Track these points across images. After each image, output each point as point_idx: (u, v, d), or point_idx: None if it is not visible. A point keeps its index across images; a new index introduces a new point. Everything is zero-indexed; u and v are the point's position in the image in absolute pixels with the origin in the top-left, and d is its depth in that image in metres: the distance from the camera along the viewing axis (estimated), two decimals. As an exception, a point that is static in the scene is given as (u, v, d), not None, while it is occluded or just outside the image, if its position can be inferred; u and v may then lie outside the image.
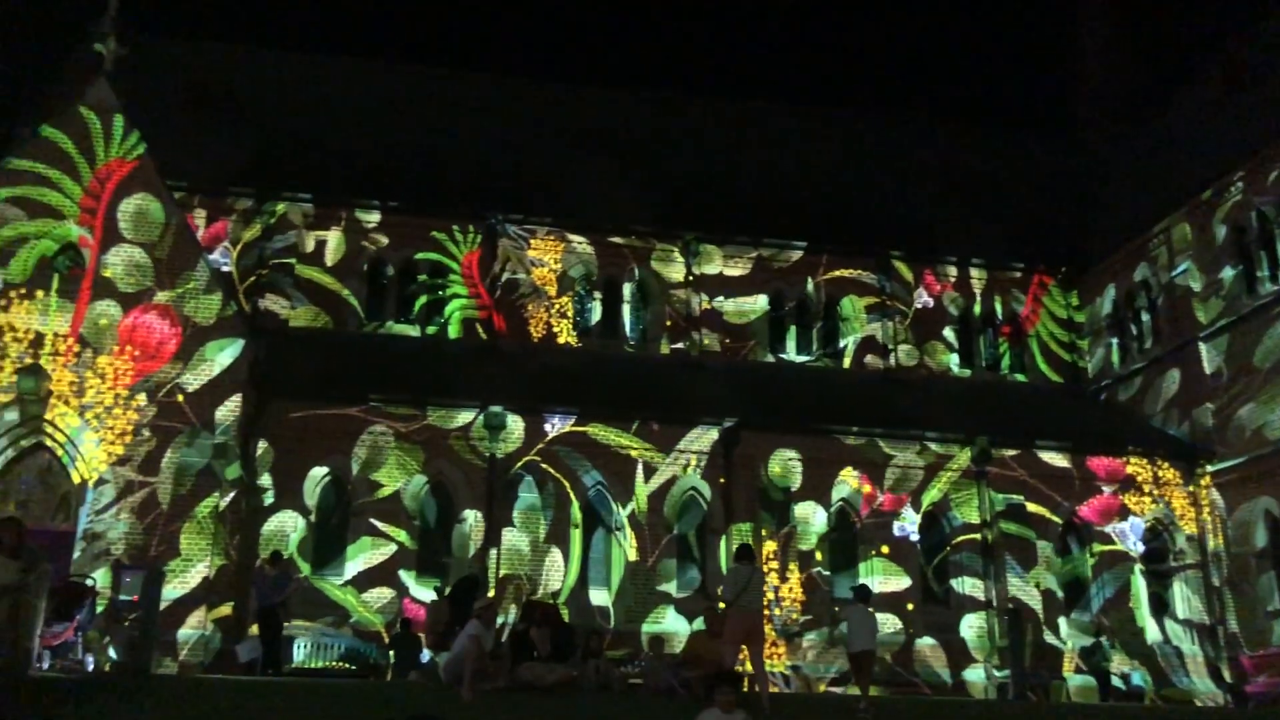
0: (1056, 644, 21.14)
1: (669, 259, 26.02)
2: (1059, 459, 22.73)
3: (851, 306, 26.60)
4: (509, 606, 19.12)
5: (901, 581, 21.37)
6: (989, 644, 21.15)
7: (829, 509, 21.68)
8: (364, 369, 22.09)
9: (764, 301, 26.21)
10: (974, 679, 20.83)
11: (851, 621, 14.47)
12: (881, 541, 21.62)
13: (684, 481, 21.54)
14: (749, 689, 14.33)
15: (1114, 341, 26.80)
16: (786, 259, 26.56)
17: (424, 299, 25.00)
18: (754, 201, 27.89)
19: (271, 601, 16.51)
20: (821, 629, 20.55)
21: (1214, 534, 22.58)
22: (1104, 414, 25.89)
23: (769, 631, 18.98)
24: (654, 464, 21.39)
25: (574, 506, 21.00)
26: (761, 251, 26.44)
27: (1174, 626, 22.24)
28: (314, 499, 20.21)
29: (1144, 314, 26.02)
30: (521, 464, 20.91)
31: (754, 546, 17.59)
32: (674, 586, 20.94)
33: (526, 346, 24.63)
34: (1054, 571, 22.02)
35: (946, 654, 21.01)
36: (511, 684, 13.11)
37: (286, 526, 19.70)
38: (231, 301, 19.90)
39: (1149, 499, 22.78)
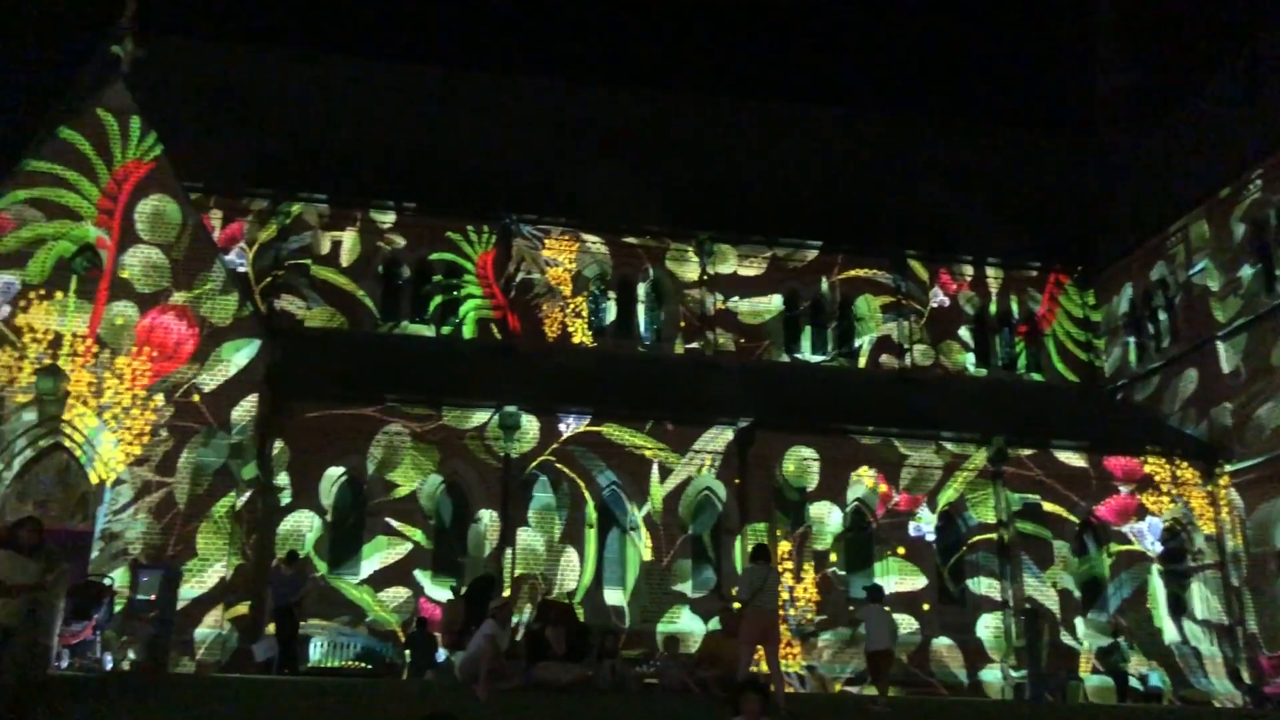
0: (1073, 644, 21.04)
1: (683, 259, 26.00)
2: (1075, 459, 22.62)
3: (867, 306, 26.54)
4: (524, 606, 19.12)
5: (917, 581, 21.31)
6: (1005, 644, 21.07)
7: (844, 509, 21.64)
8: (379, 369, 22.14)
9: (779, 301, 26.17)
10: (990, 679, 20.76)
11: (869, 621, 14.45)
12: (897, 541, 21.57)
13: (699, 481, 21.53)
14: (764, 689, 14.33)
15: (1131, 340, 26.66)
16: (801, 258, 26.52)
17: (439, 299, 25.05)
18: (769, 201, 27.86)
19: (288, 601, 16.57)
20: (839, 629, 20.50)
21: (1233, 534, 22.44)
22: (1121, 413, 25.76)
23: (784, 631, 18.95)
24: (669, 464, 21.38)
25: (589, 506, 21.01)
26: (776, 251, 26.40)
27: (1192, 627, 22.11)
28: (330, 499, 20.28)
29: (1161, 313, 25.88)
30: (536, 464, 20.93)
31: (769, 546, 17.55)
32: (689, 587, 20.92)
33: (541, 346, 24.65)
34: (1071, 571, 21.92)
35: (963, 654, 20.95)
36: (527, 683, 13.12)
37: (302, 526, 19.77)
38: (247, 302, 19.97)
39: (1167, 498, 22.65)
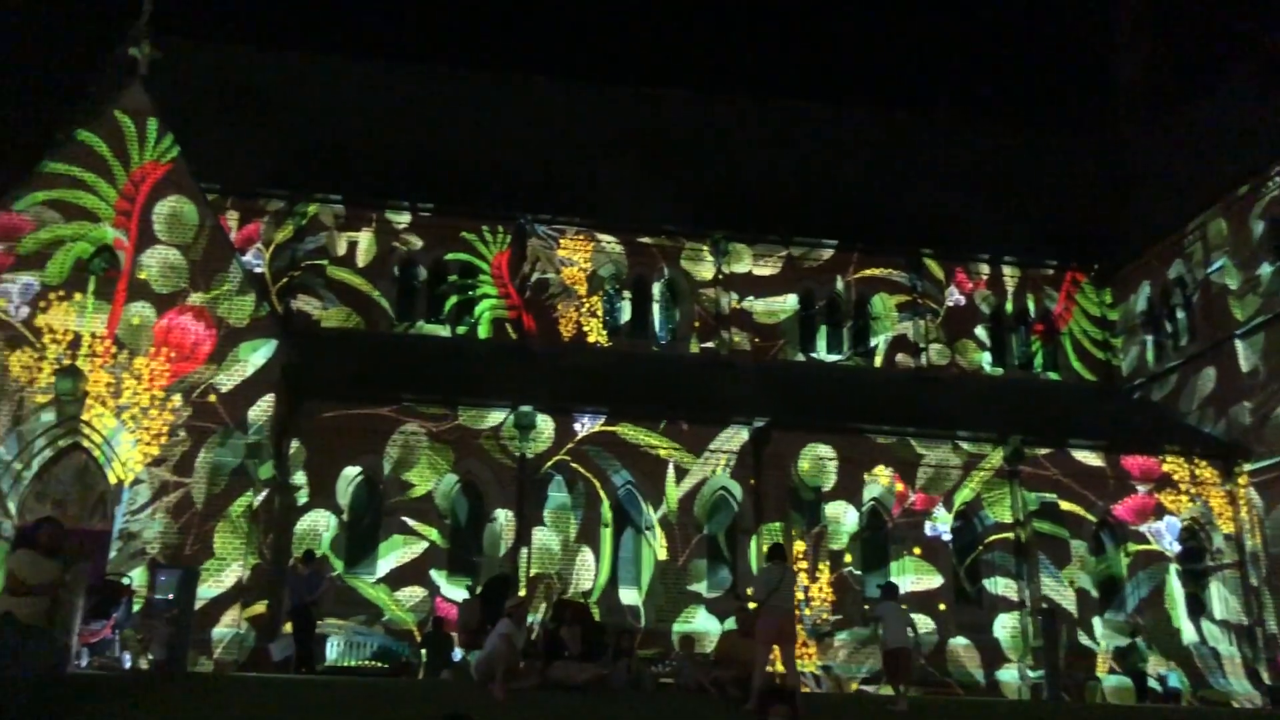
0: (1090, 645, 20.95)
1: (698, 258, 25.99)
2: (1093, 458, 22.52)
3: (882, 305, 26.48)
4: (540, 605, 19.16)
5: (933, 580, 21.25)
6: (1023, 644, 20.99)
7: (860, 508, 21.60)
8: (395, 369, 22.21)
9: (794, 300, 26.12)
10: (1008, 679, 20.68)
11: (886, 619, 14.41)
12: (913, 541, 21.52)
13: (714, 481, 21.52)
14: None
15: (1148, 339, 26.51)
16: (817, 257, 26.47)
17: (454, 299, 25.11)
18: (784, 200, 27.81)
19: (304, 600, 16.63)
20: (855, 629, 20.47)
21: (1252, 534, 22.29)
22: (1138, 413, 25.63)
23: (799, 631, 18.92)
24: (684, 464, 21.37)
25: (604, 506, 21.03)
26: (791, 250, 26.36)
27: (1211, 627, 21.97)
28: (346, 498, 20.35)
29: (1179, 311, 25.72)
30: (551, 464, 20.96)
31: (785, 546, 17.52)
32: (704, 586, 20.92)
33: (556, 346, 24.67)
34: (1088, 571, 21.83)
35: (980, 654, 20.88)
36: (543, 683, 13.13)
37: (319, 525, 19.84)
38: (264, 303, 20.06)
39: (1185, 498, 22.53)
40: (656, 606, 20.54)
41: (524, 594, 18.91)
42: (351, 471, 20.44)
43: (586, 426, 21.28)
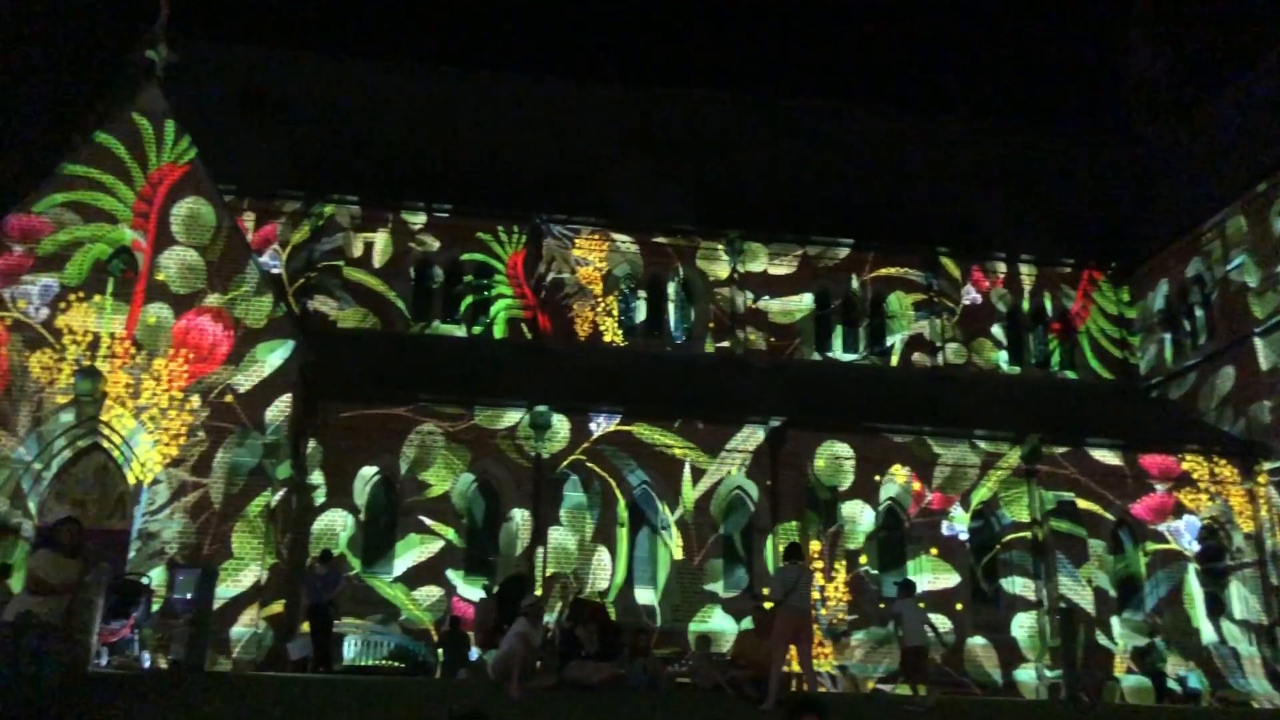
0: (1108, 644, 20.85)
1: (713, 257, 25.96)
2: (1111, 457, 22.42)
3: (898, 304, 26.40)
4: (556, 605, 19.18)
5: (950, 580, 21.19)
6: (1040, 644, 20.90)
7: (877, 508, 21.55)
8: (411, 369, 22.26)
9: (809, 299, 26.07)
10: (1025, 679, 20.61)
11: (905, 616, 14.35)
12: (930, 541, 21.46)
13: (730, 481, 21.49)
14: (796, 689, 14.29)
15: (1167, 337, 26.36)
16: (832, 256, 26.41)
17: (470, 299, 25.16)
18: (799, 199, 27.76)
19: (322, 599, 16.68)
20: (871, 628, 20.42)
21: (1271, 533, 22.15)
22: (1157, 411, 25.49)
23: (816, 631, 18.88)
24: (699, 463, 21.36)
25: (620, 505, 21.04)
26: (807, 249, 26.31)
27: (1230, 627, 21.84)
28: (363, 498, 20.41)
29: (1197, 309, 25.58)
30: (567, 463, 20.97)
31: (801, 546, 17.49)
32: (720, 586, 20.90)
33: (571, 346, 24.69)
34: (1106, 570, 21.72)
35: (997, 654, 20.81)
36: (559, 682, 13.14)
37: (336, 525, 19.91)
38: (281, 304, 20.13)
39: (1205, 496, 22.40)
40: (673, 606, 20.54)
41: (540, 593, 18.92)
42: (368, 471, 20.50)
43: (602, 426, 21.29)
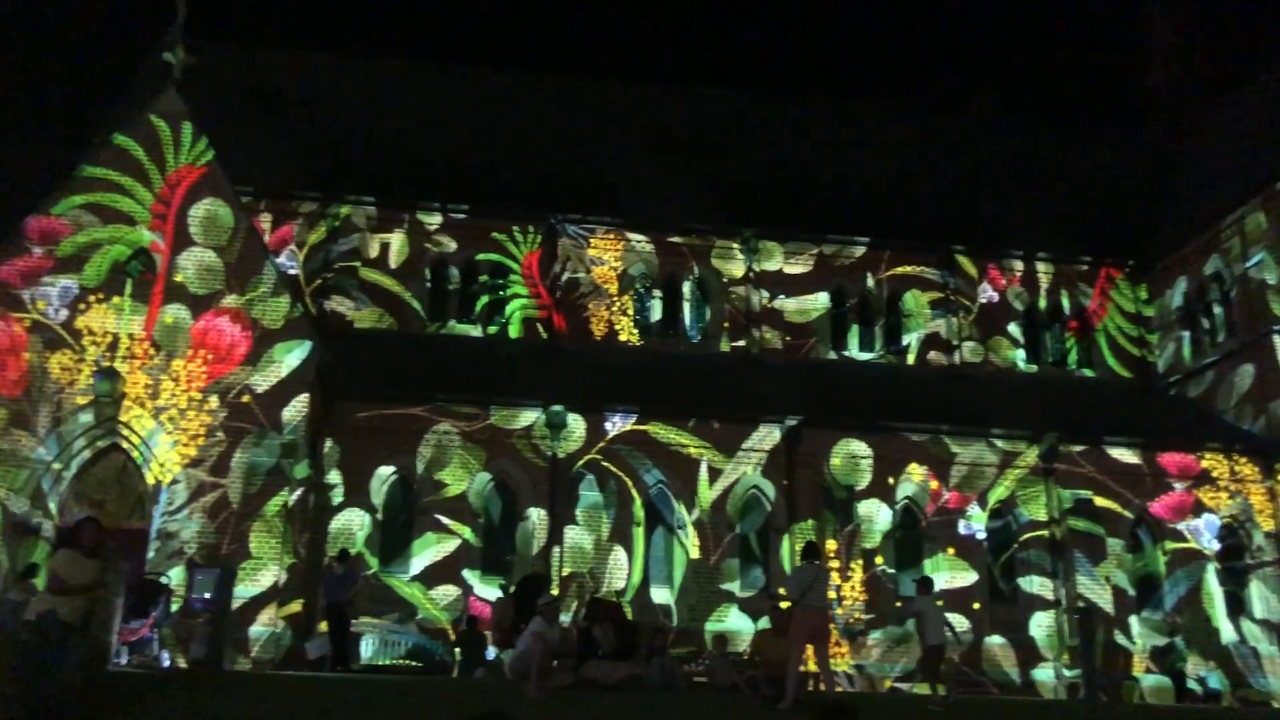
0: (1127, 644, 20.74)
1: (729, 256, 25.94)
2: (1129, 455, 22.30)
3: (915, 302, 26.33)
4: (573, 604, 19.20)
5: (968, 579, 21.12)
6: (1059, 643, 20.82)
7: (893, 507, 21.49)
8: (427, 369, 22.32)
9: (825, 298, 26.02)
10: (1044, 679, 20.52)
11: (925, 615, 14.27)
12: (947, 539, 21.40)
13: (746, 480, 21.46)
14: (813, 688, 14.28)
15: (1185, 335, 26.20)
16: (848, 255, 26.35)
17: (485, 299, 25.20)
18: (814, 197, 27.69)
19: (339, 599, 16.74)
20: (888, 627, 20.38)
21: (1292, 532, 21.98)
22: (1175, 409, 25.34)
23: (833, 630, 18.85)
24: (715, 462, 21.33)
25: (636, 505, 21.04)
26: (823, 248, 26.25)
27: (1250, 626, 21.70)
28: (380, 498, 20.47)
29: (1216, 307, 25.42)
30: (583, 463, 20.98)
31: (818, 545, 17.46)
32: (737, 586, 20.88)
33: (587, 346, 24.71)
34: (1125, 569, 21.61)
35: (1015, 653, 20.73)
36: (576, 682, 13.15)
37: (353, 525, 19.97)
38: (298, 304, 20.21)
39: (1224, 494, 22.26)
40: (689, 605, 20.53)
41: (557, 593, 18.93)
42: (385, 471, 20.56)
43: (618, 426, 21.29)
